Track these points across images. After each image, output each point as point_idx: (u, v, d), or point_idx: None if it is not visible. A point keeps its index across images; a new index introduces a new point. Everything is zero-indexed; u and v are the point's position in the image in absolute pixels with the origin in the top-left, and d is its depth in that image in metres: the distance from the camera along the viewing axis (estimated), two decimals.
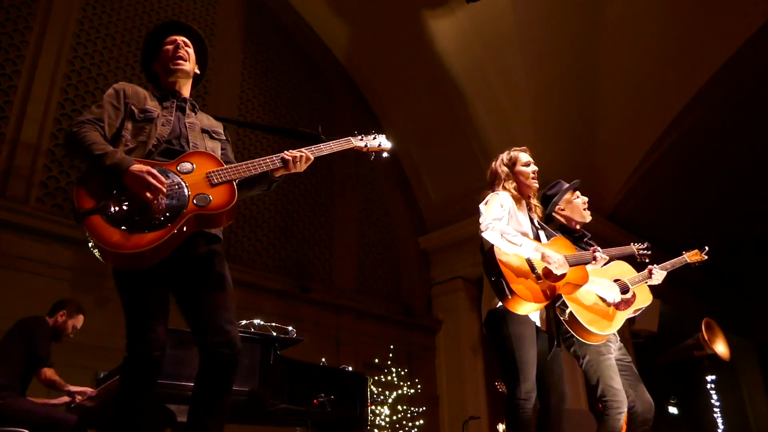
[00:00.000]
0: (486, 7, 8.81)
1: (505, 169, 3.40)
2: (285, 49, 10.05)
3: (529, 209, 3.40)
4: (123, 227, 2.15)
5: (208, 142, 2.65)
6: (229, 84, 8.97)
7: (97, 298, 6.26)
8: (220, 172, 2.39)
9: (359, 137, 2.83)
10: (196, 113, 2.71)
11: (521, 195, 3.36)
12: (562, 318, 3.29)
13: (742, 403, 14.15)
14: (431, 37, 9.75)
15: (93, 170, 2.29)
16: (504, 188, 3.35)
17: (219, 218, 2.33)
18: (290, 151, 2.58)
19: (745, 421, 13.87)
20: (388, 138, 2.90)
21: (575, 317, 3.26)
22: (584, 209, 3.83)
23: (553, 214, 3.84)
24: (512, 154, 3.46)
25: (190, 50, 2.73)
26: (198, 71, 2.80)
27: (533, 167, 3.41)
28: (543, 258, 3.06)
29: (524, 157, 3.43)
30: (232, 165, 2.45)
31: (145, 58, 2.79)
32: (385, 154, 2.90)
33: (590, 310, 3.34)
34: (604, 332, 3.31)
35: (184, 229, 2.24)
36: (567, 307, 3.27)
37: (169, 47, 2.69)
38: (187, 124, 2.60)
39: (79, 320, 4.53)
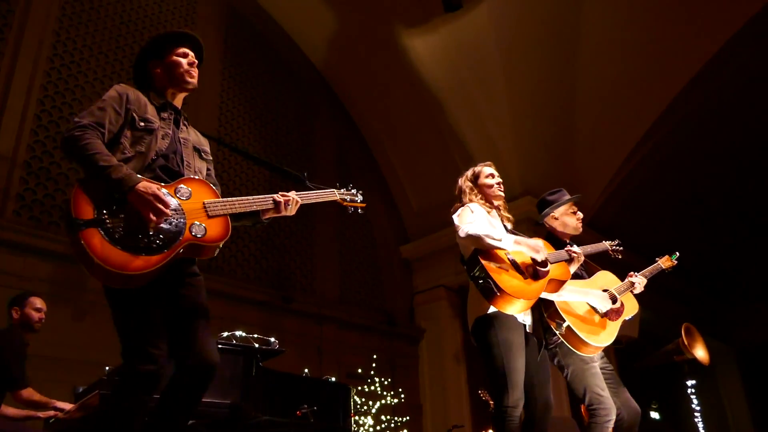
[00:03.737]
0: (465, 19, 8.91)
1: (469, 183, 3.50)
2: (265, 59, 10.04)
3: (501, 218, 3.44)
4: (123, 247, 2.10)
5: (198, 162, 2.63)
6: (209, 95, 8.90)
7: (74, 312, 6.17)
8: (218, 204, 2.40)
9: (342, 190, 3.06)
10: (187, 128, 2.69)
11: (490, 205, 3.42)
12: (558, 332, 3.31)
13: (721, 407, 14.32)
14: (411, 48, 9.80)
15: (94, 178, 2.23)
16: (471, 201, 3.41)
17: (209, 250, 2.33)
18: (282, 193, 2.66)
19: (725, 425, 14.02)
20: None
21: (573, 330, 3.27)
22: (578, 224, 3.80)
23: (545, 221, 3.82)
24: (476, 169, 3.56)
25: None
26: None
27: (497, 179, 3.49)
28: (528, 247, 3.11)
29: (487, 170, 3.53)
30: (230, 199, 2.46)
31: (145, 54, 2.70)
32: (360, 211, 3.14)
33: (585, 323, 3.37)
34: (601, 344, 3.35)
35: (179, 255, 2.23)
36: (564, 321, 3.28)
37: (183, 60, 2.66)
38: (181, 140, 2.58)
39: (34, 302, 4.21)
